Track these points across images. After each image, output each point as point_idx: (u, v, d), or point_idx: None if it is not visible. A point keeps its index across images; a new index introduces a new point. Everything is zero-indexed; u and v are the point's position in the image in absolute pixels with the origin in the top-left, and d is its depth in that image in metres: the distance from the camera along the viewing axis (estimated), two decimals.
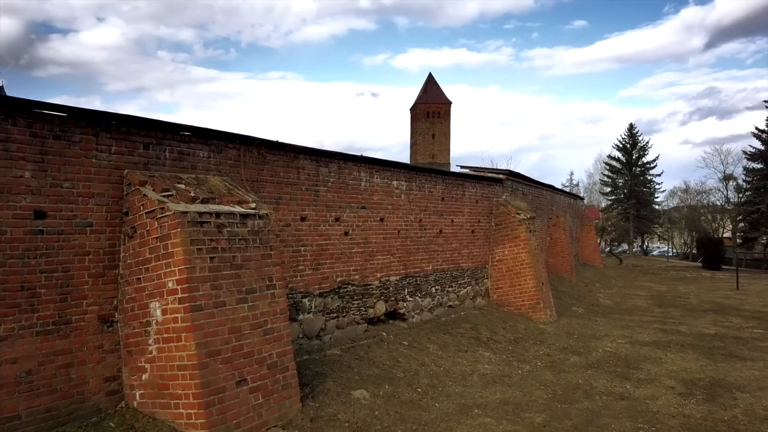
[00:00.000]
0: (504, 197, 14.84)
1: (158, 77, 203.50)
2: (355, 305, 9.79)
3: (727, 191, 55.02)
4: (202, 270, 5.67)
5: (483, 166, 15.51)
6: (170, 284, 5.59)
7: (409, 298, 11.22)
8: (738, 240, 47.21)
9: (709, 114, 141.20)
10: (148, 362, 5.80)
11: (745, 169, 46.18)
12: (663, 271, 33.60)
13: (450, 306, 12.61)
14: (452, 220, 12.65)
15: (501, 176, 14.82)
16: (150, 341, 5.77)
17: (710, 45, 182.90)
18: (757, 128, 43.32)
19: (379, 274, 10.34)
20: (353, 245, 9.67)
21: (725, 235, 54.24)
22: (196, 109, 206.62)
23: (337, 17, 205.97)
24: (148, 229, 5.87)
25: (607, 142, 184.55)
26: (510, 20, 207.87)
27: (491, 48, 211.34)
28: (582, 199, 36.32)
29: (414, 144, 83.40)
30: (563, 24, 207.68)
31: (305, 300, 8.72)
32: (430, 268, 11.93)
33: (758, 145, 43.45)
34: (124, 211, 6.10)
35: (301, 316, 8.65)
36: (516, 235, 14.05)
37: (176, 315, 5.51)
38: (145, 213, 5.89)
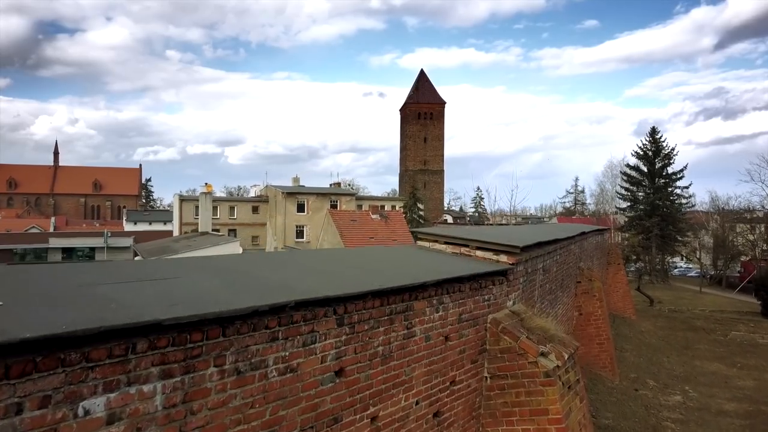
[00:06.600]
0: (509, 306, 6.86)
1: (164, 77, 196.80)
2: None
3: None
4: None
5: (464, 235, 7.43)
6: None
7: None
8: None
9: (715, 114, 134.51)
10: None
11: None
12: (715, 323, 25.56)
13: None
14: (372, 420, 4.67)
15: (503, 261, 6.82)
16: None
17: (720, 45, 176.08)
18: None
19: None
20: None
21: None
22: (199, 109, 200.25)
23: (347, 17, 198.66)
24: None
25: (611, 143, 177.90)
26: (521, 20, 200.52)
27: (500, 48, 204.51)
28: (608, 229, 28.34)
29: (404, 149, 75.15)
30: (574, 24, 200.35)
31: None
32: None
33: None
34: None
35: None
36: (538, 404, 6.08)
37: None
38: None
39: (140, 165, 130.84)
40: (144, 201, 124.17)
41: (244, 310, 3.44)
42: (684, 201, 53.00)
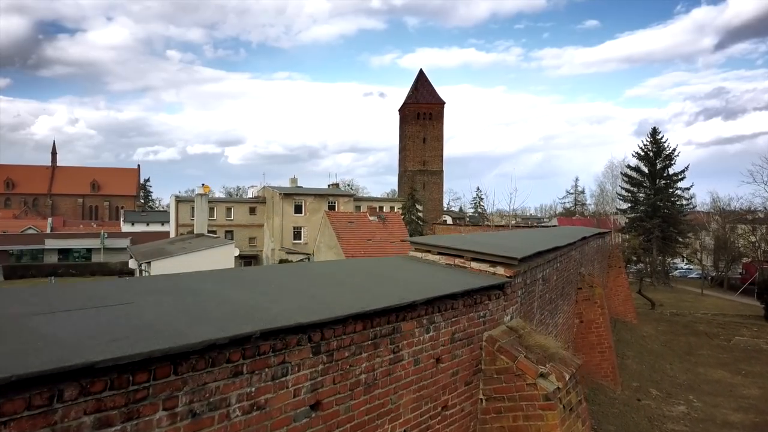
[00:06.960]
0: (506, 322, 6.42)
1: (165, 77, 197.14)
2: None
3: None
4: None
5: (463, 246, 6.97)
6: None
7: None
8: None
9: (715, 114, 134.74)
10: None
11: None
12: (717, 328, 25.13)
13: None
14: None
15: (500, 274, 6.38)
16: None
17: (721, 45, 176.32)
18: None
19: None
20: None
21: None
22: (199, 109, 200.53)
23: (348, 17, 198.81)
24: None
25: (611, 143, 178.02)
26: (521, 20, 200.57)
27: (500, 48, 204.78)
28: (609, 232, 27.89)
29: (403, 149, 74.69)
30: (575, 24, 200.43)
31: None
32: None
33: None
34: None
35: None
36: (538, 429, 5.65)
37: None
38: None
39: (138, 165, 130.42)
40: (143, 201, 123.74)
41: (198, 345, 3.00)
42: (685, 202, 52.57)
